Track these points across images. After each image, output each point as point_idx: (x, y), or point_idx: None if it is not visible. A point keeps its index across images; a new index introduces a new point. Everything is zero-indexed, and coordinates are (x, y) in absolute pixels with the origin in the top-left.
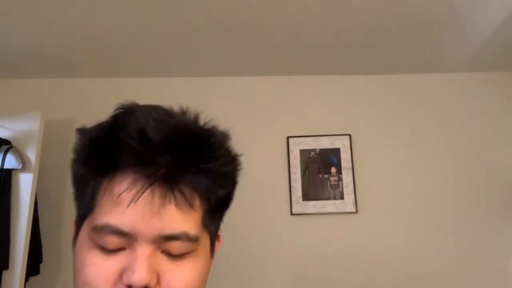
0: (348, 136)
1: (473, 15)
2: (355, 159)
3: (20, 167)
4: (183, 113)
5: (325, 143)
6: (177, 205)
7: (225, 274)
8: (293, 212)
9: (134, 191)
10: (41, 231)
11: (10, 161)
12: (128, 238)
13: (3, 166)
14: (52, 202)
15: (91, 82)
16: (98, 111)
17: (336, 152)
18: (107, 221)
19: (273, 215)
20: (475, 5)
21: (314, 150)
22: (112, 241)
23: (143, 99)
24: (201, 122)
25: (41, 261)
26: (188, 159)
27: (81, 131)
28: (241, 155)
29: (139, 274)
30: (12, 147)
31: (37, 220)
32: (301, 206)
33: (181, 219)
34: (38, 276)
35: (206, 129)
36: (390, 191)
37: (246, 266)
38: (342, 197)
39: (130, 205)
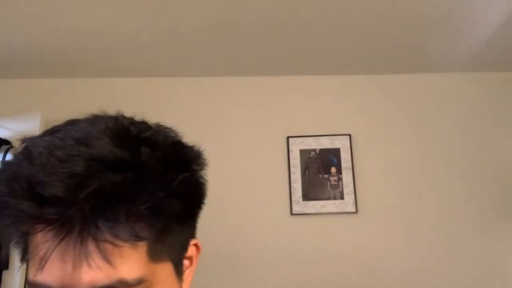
0: (348, 136)
1: (473, 15)
2: (355, 159)
3: None
4: (114, 124)
5: (325, 143)
6: (102, 257)
7: (225, 274)
8: (293, 212)
9: (52, 243)
10: None
11: None
12: None
13: None
14: None
15: (91, 82)
16: (98, 111)
17: (336, 152)
18: (35, 278)
19: (273, 215)
20: (475, 5)
21: (314, 150)
22: None
23: (143, 99)
24: (134, 131)
25: None
26: (106, 202)
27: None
28: (195, 151)
29: None
30: (12, 147)
31: None
32: (301, 206)
33: (116, 263)
34: None
35: (137, 147)
36: (390, 191)
37: (246, 266)
38: (342, 197)
39: (55, 259)
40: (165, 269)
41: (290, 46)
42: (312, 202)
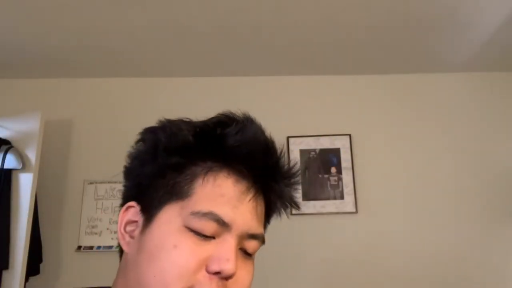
0: (348, 136)
1: (473, 15)
2: (355, 159)
3: (20, 167)
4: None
5: (325, 143)
6: (264, 210)
7: None
8: (293, 212)
9: (240, 187)
10: (41, 231)
11: (10, 161)
12: (223, 229)
13: (3, 166)
14: (52, 202)
15: (91, 82)
16: (98, 111)
17: (336, 152)
18: (212, 209)
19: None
20: (475, 5)
21: (314, 150)
22: (211, 227)
23: (143, 99)
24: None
25: (41, 261)
26: (281, 174)
27: (176, 122)
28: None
29: (232, 263)
30: (12, 147)
31: (37, 220)
32: (301, 206)
33: (261, 223)
34: (38, 276)
35: (282, 149)
36: (390, 191)
37: None
38: (342, 197)
39: (236, 199)
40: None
41: (290, 46)
42: (312, 202)
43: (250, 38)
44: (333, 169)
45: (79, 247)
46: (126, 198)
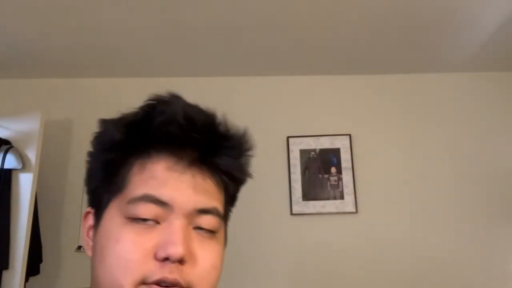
0: (348, 136)
1: (473, 15)
2: (355, 159)
3: (20, 167)
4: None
5: (325, 143)
6: (209, 182)
7: (225, 274)
8: (293, 212)
9: (172, 165)
10: (41, 231)
11: (10, 161)
12: (164, 210)
13: (3, 166)
14: (52, 202)
15: (91, 82)
16: (98, 111)
17: (336, 152)
18: (146, 191)
19: (273, 215)
20: (475, 5)
21: (314, 150)
22: (150, 210)
23: (143, 99)
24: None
25: (41, 261)
26: (221, 144)
27: (105, 121)
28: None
29: (178, 245)
30: (12, 147)
31: (37, 220)
32: (301, 206)
33: (212, 195)
34: (38, 276)
35: (231, 123)
36: (390, 191)
37: (246, 266)
38: (342, 197)
39: (170, 178)
40: (223, 229)
41: (290, 46)
42: (312, 202)
43: (250, 38)
44: (333, 169)
45: (79, 247)
46: (88, 205)
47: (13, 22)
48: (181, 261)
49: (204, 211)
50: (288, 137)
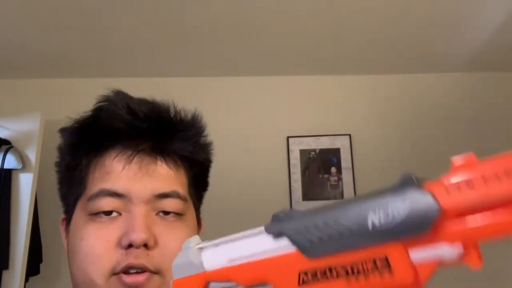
0: (348, 136)
1: (473, 15)
2: (355, 159)
3: (20, 167)
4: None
5: (325, 143)
6: (165, 167)
7: None
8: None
9: (124, 158)
10: (41, 231)
11: (10, 161)
12: (123, 201)
13: (3, 166)
14: (52, 202)
15: (91, 82)
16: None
17: (336, 152)
18: (102, 186)
19: None
20: (475, 5)
21: (314, 150)
22: (108, 203)
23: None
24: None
25: (41, 261)
26: (170, 129)
27: (64, 129)
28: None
29: (139, 230)
30: (12, 147)
31: (37, 220)
32: (301, 206)
33: (170, 179)
34: (38, 276)
35: (181, 109)
36: None
37: None
38: (342, 197)
39: (123, 170)
40: (192, 211)
41: (290, 46)
42: (312, 202)
43: (250, 38)
44: (333, 169)
45: None
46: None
47: (13, 22)
48: (146, 246)
49: (163, 195)
50: (288, 137)
